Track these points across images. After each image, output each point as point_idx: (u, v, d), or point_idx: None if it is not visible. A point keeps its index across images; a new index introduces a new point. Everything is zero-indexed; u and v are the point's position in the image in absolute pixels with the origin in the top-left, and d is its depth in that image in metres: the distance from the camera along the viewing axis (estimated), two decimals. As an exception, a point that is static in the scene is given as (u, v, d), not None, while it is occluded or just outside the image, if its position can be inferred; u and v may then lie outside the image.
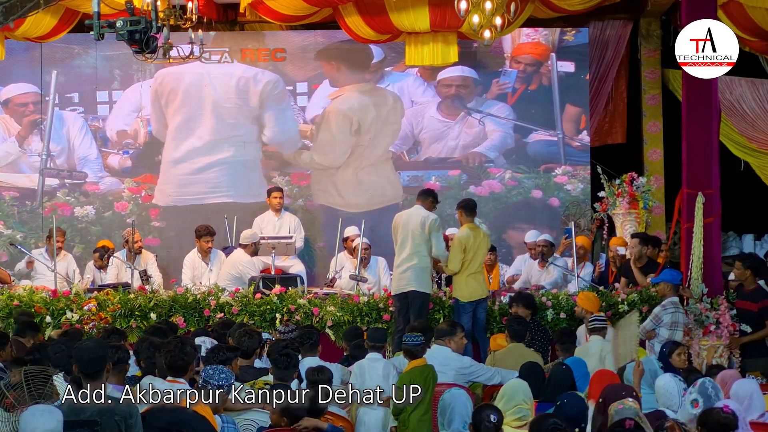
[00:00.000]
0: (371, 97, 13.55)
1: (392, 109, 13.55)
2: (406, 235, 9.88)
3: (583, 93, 13.40)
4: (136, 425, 5.17)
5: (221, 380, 5.70)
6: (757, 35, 11.88)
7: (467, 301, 9.83)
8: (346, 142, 13.47)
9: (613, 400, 5.63)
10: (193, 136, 13.43)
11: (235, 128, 13.45)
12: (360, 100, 13.52)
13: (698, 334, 9.45)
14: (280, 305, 10.29)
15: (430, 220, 9.86)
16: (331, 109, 13.53)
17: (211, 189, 13.46)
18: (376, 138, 13.48)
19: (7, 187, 13.50)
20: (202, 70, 13.29)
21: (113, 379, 6.44)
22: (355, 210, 13.04)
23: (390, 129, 13.53)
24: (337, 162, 13.50)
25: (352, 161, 13.49)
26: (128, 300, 10.40)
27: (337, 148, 13.49)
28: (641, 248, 10.35)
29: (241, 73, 13.48)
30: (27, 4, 8.18)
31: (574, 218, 12.73)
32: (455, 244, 9.91)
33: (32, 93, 13.48)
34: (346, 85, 13.56)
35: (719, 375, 6.97)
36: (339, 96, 13.57)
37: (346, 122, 13.48)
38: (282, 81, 13.52)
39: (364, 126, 13.47)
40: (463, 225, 10.02)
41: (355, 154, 13.49)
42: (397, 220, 10.09)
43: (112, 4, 8.24)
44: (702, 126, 9.84)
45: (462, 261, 9.83)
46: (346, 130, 13.47)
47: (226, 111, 13.45)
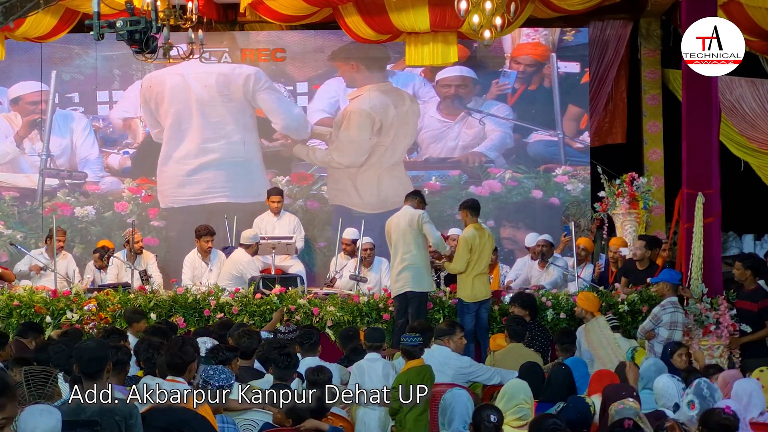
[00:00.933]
0: (390, 97, 13.54)
1: (410, 109, 13.56)
2: (398, 237, 9.93)
3: (583, 93, 13.41)
4: (136, 425, 5.17)
5: (221, 380, 5.70)
6: (757, 35, 11.88)
7: (471, 302, 9.84)
8: (367, 142, 13.47)
9: (613, 400, 5.64)
10: (185, 137, 13.46)
11: (221, 127, 13.45)
12: (381, 100, 13.52)
13: (698, 334, 9.45)
14: (280, 305, 10.29)
15: (417, 216, 9.89)
16: (352, 109, 13.49)
17: (207, 190, 13.46)
18: (396, 138, 13.48)
19: (7, 187, 13.51)
20: (183, 72, 13.29)
21: (113, 380, 6.44)
22: (372, 211, 13.01)
23: (408, 130, 13.54)
24: (357, 161, 13.50)
25: (374, 162, 13.49)
26: (128, 300, 10.40)
27: (359, 148, 13.48)
28: (645, 251, 10.38)
29: (218, 71, 13.45)
30: (27, 4, 8.18)
31: (574, 218, 12.74)
32: (461, 244, 9.90)
33: (42, 91, 13.48)
34: (365, 85, 13.53)
35: (720, 375, 6.97)
36: (359, 96, 13.54)
37: (368, 121, 13.47)
38: (261, 72, 13.49)
39: (386, 126, 13.47)
40: (468, 225, 10.03)
41: (376, 154, 13.49)
42: (389, 223, 10.12)
43: (112, 4, 8.25)
44: (702, 126, 9.83)
45: (468, 261, 9.83)
46: (368, 129, 13.47)
47: (211, 110, 13.45)
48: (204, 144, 13.45)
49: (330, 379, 6.77)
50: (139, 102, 13.47)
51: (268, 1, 12.08)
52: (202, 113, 13.44)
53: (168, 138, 13.47)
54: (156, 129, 13.50)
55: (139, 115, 13.50)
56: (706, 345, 9.41)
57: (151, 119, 13.50)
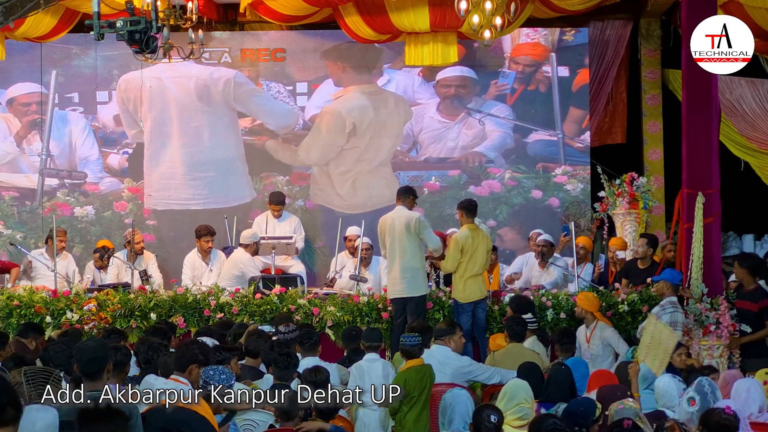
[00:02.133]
0: (372, 99, 13.52)
1: (393, 111, 13.53)
2: (394, 239, 9.92)
3: (583, 93, 13.40)
4: (136, 425, 5.16)
5: (221, 381, 5.69)
6: (757, 35, 11.83)
7: (465, 302, 9.85)
8: (334, 143, 13.45)
9: (609, 400, 5.63)
10: (165, 141, 13.42)
11: (200, 131, 13.41)
12: (360, 102, 13.50)
13: (698, 334, 9.44)
14: (280, 305, 10.29)
15: (414, 221, 9.87)
16: (328, 109, 13.52)
17: (191, 194, 13.44)
18: (375, 140, 13.46)
19: (7, 187, 13.51)
20: (162, 75, 13.25)
21: (114, 380, 6.44)
22: (352, 211, 13.03)
23: (391, 132, 13.51)
24: (320, 161, 13.49)
25: (350, 163, 13.47)
26: (128, 300, 10.40)
27: (324, 148, 13.47)
28: (647, 249, 10.38)
29: (196, 75, 13.40)
30: (27, 4, 8.18)
31: (574, 218, 12.73)
32: (452, 244, 9.92)
33: (35, 93, 13.48)
34: (350, 86, 13.55)
35: (721, 375, 6.98)
36: (341, 96, 13.57)
37: (339, 123, 13.46)
38: (241, 74, 13.47)
39: (361, 128, 13.45)
40: (464, 225, 10.02)
41: (352, 156, 13.48)
42: (382, 223, 10.10)
43: (112, 4, 8.24)
44: (702, 126, 9.83)
45: (458, 261, 9.83)
46: (338, 130, 13.45)
47: (190, 114, 13.43)
48: (184, 148, 13.42)
49: (327, 379, 6.78)
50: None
51: (268, 1, 12.07)
52: (181, 118, 13.40)
53: (149, 142, 13.43)
54: (134, 130, 13.44)
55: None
56: (706, 345, 9.41)
57: (129, 120, 13.45)
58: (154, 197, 13.46)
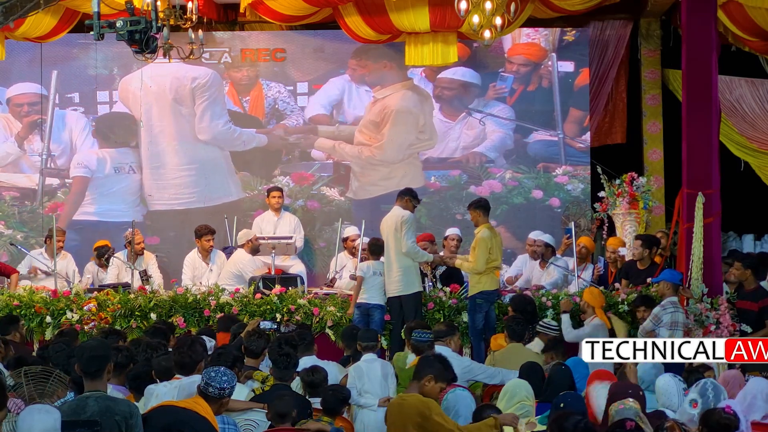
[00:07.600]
0: (419, 95, 13.50)
1: (429, 107, 13.58)
2: (387, 238, 10.02)
3: (583, 93, 13.40)
4: (136, 425, 5.16)
5: (222, 383, 5.69)
6: (757, 35, 11.87)
7: (489, 290, 9.80)
8: (407, 139, 13.47)
9: (618, 397, 5.61)
10: (152, 140, 13.42)
11: (178, 131, 13.42)
12: (413, 99, 13.48)
13: (698, 334, 9.44)
14: (280, 305, 10.29)
15: (401, 219, 9.94)
16: (390, 107, 13.41)
17: (177, 194, 13.45)
18: (425, 134, 13.52)
19: (8, 187, 13.51)
20: (161, 75, 13.25)
21: (114, 380, 6.45)
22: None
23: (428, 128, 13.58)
24: (396, 158, 13.48)
25: (409, 158, 13.50)
26: (128, 300, 10.40)
27: (401, 145, 13.47)
28: (643, 250, 10.38)
29: (174, 73, 13.38)
30: (27, 4, 8.18)
31: (574, 218, 12.73)
32: (481, 246, 9.82)
33: (33, 93, 13.48)
34: (389, 84, 13.48)
35: (721, 375, 6.96)
36: (390, 94, 13.48)
37: (411, 119, 13.47)
38: (216, 75, 13.46)
39: (421, 123, 13.49)
40: (481, 225, 10.00)
41: (413, 149, 13.52)
42: (381, 223, 10.22)
43: (112, 4, 8.24)
44: (702, 126, 9.83)
45: (487, 261, 9.84)
46: (412, 128, 13.47)
47: (167, 113, 13.43)
48: (183, 148, 13.42)
49: (325, 378, 6.79)
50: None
51: (268, 1, 12.08)
52: (181, 117, 13.39)
53: (148, 142, 13.43)
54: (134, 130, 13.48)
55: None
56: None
57: (129, 119, 13.50)
58: (154, 197, 13.46)
